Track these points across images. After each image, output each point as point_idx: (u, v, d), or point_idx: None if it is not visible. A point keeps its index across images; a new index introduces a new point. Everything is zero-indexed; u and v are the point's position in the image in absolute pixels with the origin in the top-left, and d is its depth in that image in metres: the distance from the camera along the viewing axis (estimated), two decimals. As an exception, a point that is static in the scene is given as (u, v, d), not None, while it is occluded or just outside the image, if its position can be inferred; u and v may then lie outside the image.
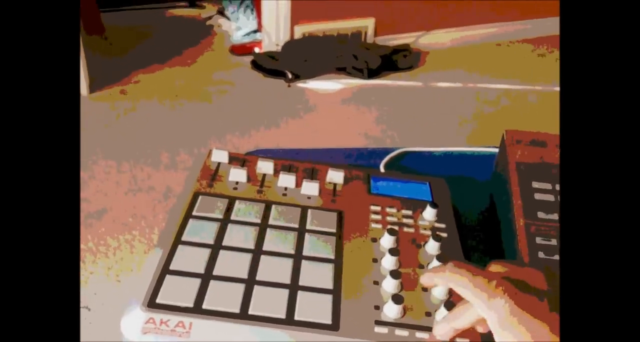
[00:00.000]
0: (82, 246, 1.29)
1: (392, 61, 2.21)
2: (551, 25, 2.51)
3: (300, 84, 2.10)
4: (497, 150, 0.64)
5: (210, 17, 2.67)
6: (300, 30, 2.22)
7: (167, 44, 2.36)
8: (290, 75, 2.10)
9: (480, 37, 2.52)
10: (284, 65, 2.12)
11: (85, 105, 1.86)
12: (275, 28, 2.22)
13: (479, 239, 0.59)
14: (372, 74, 2.15)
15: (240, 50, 2.32)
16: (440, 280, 0.41)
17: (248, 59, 2.22)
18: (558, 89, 2.05)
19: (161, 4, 2.74)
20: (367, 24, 2.31)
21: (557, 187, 0.54)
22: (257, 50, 2.28)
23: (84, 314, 1.13)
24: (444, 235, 0.52)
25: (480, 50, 2.47)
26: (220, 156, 0.60)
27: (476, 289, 0.36)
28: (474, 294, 0.36)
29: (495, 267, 0.39)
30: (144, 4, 2.70)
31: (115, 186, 1.52)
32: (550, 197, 0.52)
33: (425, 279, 0.42)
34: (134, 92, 1.99)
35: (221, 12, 2.65)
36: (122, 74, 2.08)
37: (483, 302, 0.35)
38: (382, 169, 0.68)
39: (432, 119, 1.92)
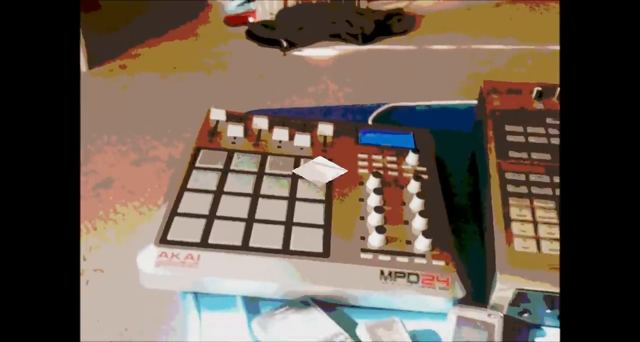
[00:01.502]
0: (92, 214, 1.35)
1: (387, 26, 2.22)
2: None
3: (296, 52, 2.13)
4: (478, 101, 0.68)
5: (204, -11, 2.67)
6: (293, -2, 2.23)
7: (163, 17, 2.38)
8: (285, 44, 2.12)
9: (474, -2, 2.52)
10: (279, 33, 2.14)
11: (85, 82, 1.90)
12: (268, -3, 2.23)
13: (461, 186, 0.64)
14: (367, 39, 2.17)
15: (234, 20, 2.33)
16: None
17: (243, 29, 2.24)
18: (553, 47, 2.09)
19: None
20: (360, -11, 2.31)
21: (529, 129, 0.58)
22: (251, 20, 2.29)
23: (97, 277, 1.19)
24: (425, 177, 0.57)
25: (476, 11, 2.47)
26: (218, 114, 0.64)
27: None
28: None
29: None
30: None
31: (120, 157, 1.57)
32: (521, 139, 0.57)
33: None
34: (133, 67, 2.02)
35: (214, -17, 2.64)
36: (121, 49, 2.11)
37: None
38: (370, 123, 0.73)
39: (426, 82, 1.95)
